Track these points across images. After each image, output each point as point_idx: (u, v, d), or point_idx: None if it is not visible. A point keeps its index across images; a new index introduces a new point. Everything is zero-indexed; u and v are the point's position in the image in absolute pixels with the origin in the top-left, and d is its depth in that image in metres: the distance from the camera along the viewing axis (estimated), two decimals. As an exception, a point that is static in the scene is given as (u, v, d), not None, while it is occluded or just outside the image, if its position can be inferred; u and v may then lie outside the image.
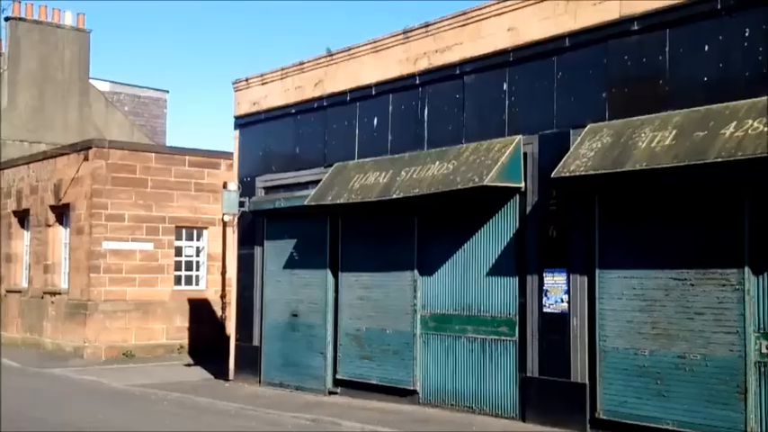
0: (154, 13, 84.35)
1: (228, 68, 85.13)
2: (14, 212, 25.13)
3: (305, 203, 14.05)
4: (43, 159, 24.01)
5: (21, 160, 25.66)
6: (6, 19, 32.98)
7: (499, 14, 11.86)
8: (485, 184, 11.07)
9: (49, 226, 23.17)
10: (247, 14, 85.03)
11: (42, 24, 33.58)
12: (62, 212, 22.94)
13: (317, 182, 14.24)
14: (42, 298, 23.09)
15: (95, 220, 21.06)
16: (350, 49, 14.16)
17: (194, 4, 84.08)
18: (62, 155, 22.93)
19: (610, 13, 10.58)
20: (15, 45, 33.15)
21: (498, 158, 11.26)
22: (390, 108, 13.46)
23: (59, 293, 22.39)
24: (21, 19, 33.05)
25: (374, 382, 13.34)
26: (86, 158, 21.46)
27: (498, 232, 11.81)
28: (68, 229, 22.56)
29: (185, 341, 21.94)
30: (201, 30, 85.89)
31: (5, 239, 25.51)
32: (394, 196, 12.32)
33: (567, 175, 10.13)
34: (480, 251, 12.02)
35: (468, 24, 12.26)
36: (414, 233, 12.98)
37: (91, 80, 35.45)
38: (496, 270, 11.77)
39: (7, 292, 25.09)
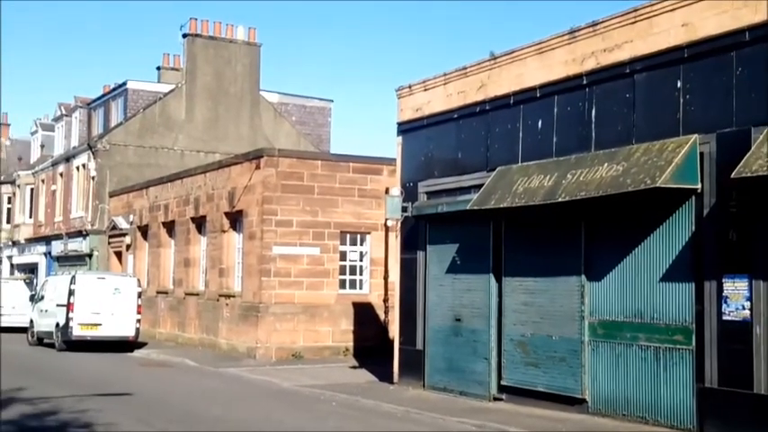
0: (320, 26, 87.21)
1: (390, 76, 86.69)
2: (192, 219, 26.62)
3: (467, 208, 14.03)
4: (218, 168, 25.31)
5: (198, 169, 27.16)
6: (184, 36, 35.13)
7: (672, 10, 11.39)
8: (658, 185, 10.64)
9: (224, 231, 24.37)
10: (409, 22, 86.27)
11: (217, 40, 35.52)
12: (236, 218, 24.08)
13: (480, 186, 14.19)
14: (218, 300, 24.31)
15: (266, 225, 21.96)
16: (513, 52, 14.03)
17: (358, 17, 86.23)
18: (235, 164, 24.09)
19: (795, 2, 9.91)
20: (192, 60, 35.27)
21: (672, 159, 10.80)
22: (555, 110, 13.21)
23: (233, 296, 23.49)
24: (197, 35, 35.11)
25: (540, 390, 13.11)
26: (258, 167, 22.42)
27: (672, 236, 11.32)
28: (241, 235, 23.65)
29: (350, 344, 22.44)
30: (365, 40, 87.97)
31: (184, 245, 27.07)
32: (560, 199, 12.08)
33: (750, 175, 9.56)
34: (652, 255, 11.56)
35: (638, 21, 11.86)
36: (580, 237, 12.67)
37: (261, 92, 37.11)
38: (670, 275, 11.28)
39: (186, 294, 26.61)
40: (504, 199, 13.18)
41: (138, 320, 24.60)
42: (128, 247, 31.86)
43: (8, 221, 47.22)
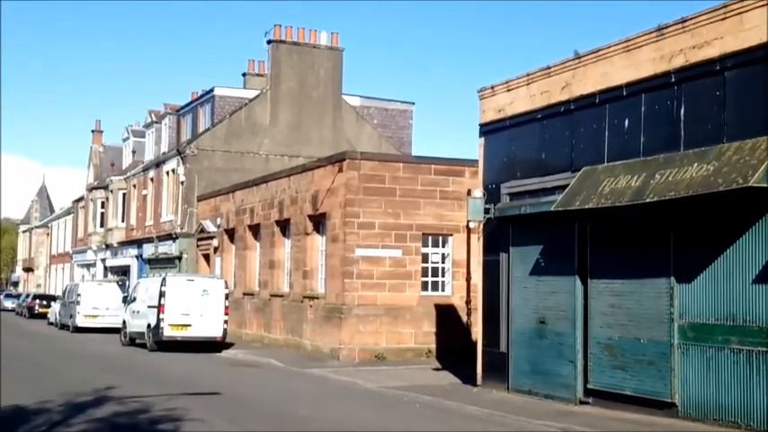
0: (402, 28, 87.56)
1: (472, 78, 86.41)
2: (277, 222, 27.08)
3: (551, 209, 13.88)
4: (302, 172, 25.70)
5: (282, 173, 27.63)
6: (269, 42, 35.81)
7: (763, 5, 11.03)
8: (750, 185, 10.32)
9: (308, 234, 24.71)
10: (490, 24, 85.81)
11: (300, 45, 36.08)
12: (319, 221, 24.39)
13: (564, 187, 14.02)
14: (302, 302, 24.66)
15: (348, 228, 22.17)
16: (599, 51, 13.82)
17: (440, 19, 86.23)
18: (318, 167, 24.40)
19: None
20: (277, 66, 35.92)
21: (765, 157, 10.46)
22: (642, 109, 12.95)
23: (317, 298, 23.78)
24: (281, 41, 35.73)
25: (628, 393, 12.86)
26: (340, 170, 22.66)
27: (765, 236, 10.95)
28: (325, 237, 23.94)
29: (432, 345, 22.44)
30: (447, 42, 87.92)
31: (269, 247, 27.56)
32: (647, 200, 11.84)
33: None
34: (745, 256, 11.21)
35: (728, 17, 11.53)
36: (669, 238, 12.38)
37: (343, 96, 37.49)
38: (764, 277, 10.91)
39: (271, 296, 27.08)
40: (590, 200, 12.99)
41: (226, 321, 25.17)
42: (215, 249, 32.63)
43: (102, 225, 49.03)
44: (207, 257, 33.87)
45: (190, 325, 24.61)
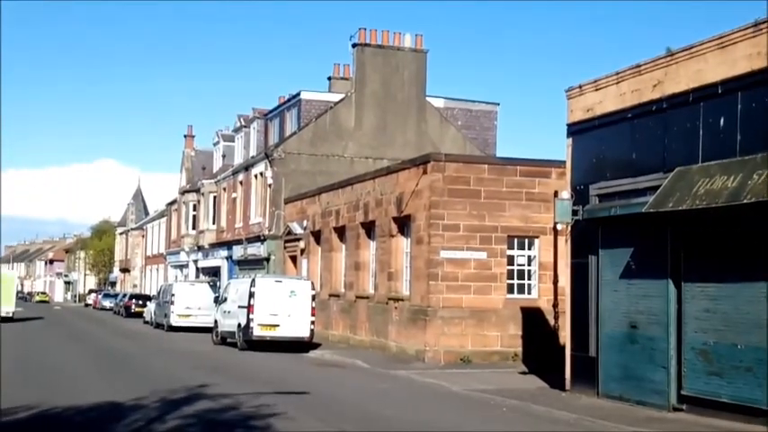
0: (486, 29, 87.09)
1: (558, 78, 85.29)
2: (362, 224, 27.26)
3: (643, 210, 13.56)
4: (386, 174, 25.80)
5: (367, 175, 27.79)
6: (354, 45, 36.13)
7: None
8: None
9: (392, 236, 24.79)
10: (576, 23, 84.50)
11: (385, 48, 36.27)
12: (403, 223, 24.43)
13: (656, 188, 13.67)
14: (387, 303, 24.76)
15: (433, 230, 22.13)
16: (691, 48, 13.43)
17: (525, 19, 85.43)
18: (403, 169, 24.45)
19: None
20: (361, 69, 36.20)
21: None
22: (739, 106, 12.51)
23: (402, 299, 23.83)
24: (366, 45, 36.01)
25: (724, 401, 12.45)
26: (425, 172, 22.65)
27: None
28: (409, 239, 23.97)
29: (519, 349, 22.18)
30: (531, 42, 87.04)
31: (355, 249, 27.77)
32: (745, 201, 11.44)
33: None
34: None
35: (831, 8, 11.04)
36: (767, 241, 11.92)
37: (427, 98, 37.51)
38: None
39: (357, 297, 27.28)
40: (684, 201, 12.63)
41: (313, 322, 25.48)
42: (302, 251, 33.08)
43: (194, 228, 50.37)
44: (294, 259, 34.37)
45: (278, 325, 25.02)
